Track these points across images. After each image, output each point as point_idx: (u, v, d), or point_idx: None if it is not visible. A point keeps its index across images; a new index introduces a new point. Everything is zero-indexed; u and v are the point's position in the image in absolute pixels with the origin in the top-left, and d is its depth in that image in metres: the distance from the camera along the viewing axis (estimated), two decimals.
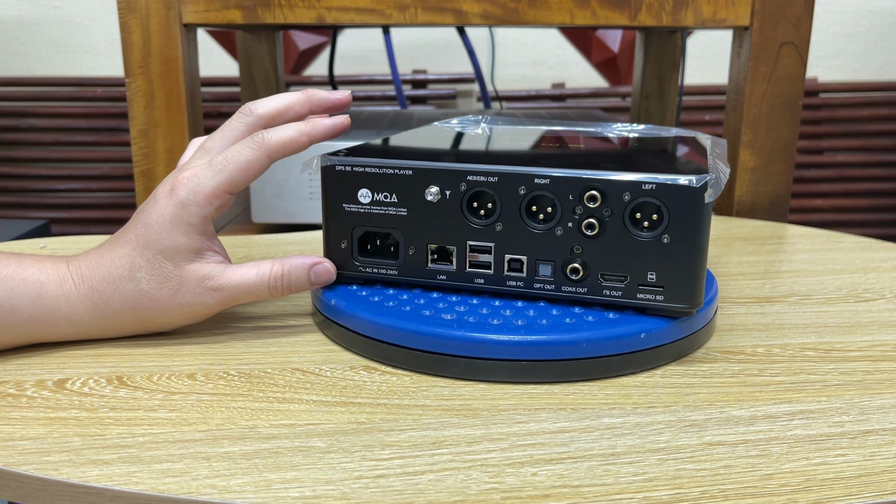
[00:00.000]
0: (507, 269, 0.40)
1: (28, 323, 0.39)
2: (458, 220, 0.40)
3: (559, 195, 0.38)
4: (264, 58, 1.06)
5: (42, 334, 0.40)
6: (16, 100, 1.56)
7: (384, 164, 0.41)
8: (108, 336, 0.42)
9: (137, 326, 0.41)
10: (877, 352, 0.41)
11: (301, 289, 0.42)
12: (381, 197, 0.41)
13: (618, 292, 0.39)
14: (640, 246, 0.38)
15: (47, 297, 0.39)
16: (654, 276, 0.38)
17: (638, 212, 0.38)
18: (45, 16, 1.54)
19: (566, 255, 0.39)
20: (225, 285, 0.40)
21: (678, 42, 1.03)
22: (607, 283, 0.39)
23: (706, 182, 0.36)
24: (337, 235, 0.42)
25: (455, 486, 0.29)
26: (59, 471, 0.29)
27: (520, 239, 0.40)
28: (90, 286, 0.40)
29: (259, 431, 0.33)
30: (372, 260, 0.42)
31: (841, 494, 0.28)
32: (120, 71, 1.55)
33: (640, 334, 0.38)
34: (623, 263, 0.38)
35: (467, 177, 0.39)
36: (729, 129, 0.76)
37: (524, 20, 0.68)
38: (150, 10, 0.67)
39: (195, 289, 0.40)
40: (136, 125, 0.69)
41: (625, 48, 1.59)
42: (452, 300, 0.41)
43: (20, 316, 0.39)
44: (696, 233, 0.37)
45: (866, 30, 1.61)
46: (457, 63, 1.58)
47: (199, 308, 0.40)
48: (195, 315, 0.41)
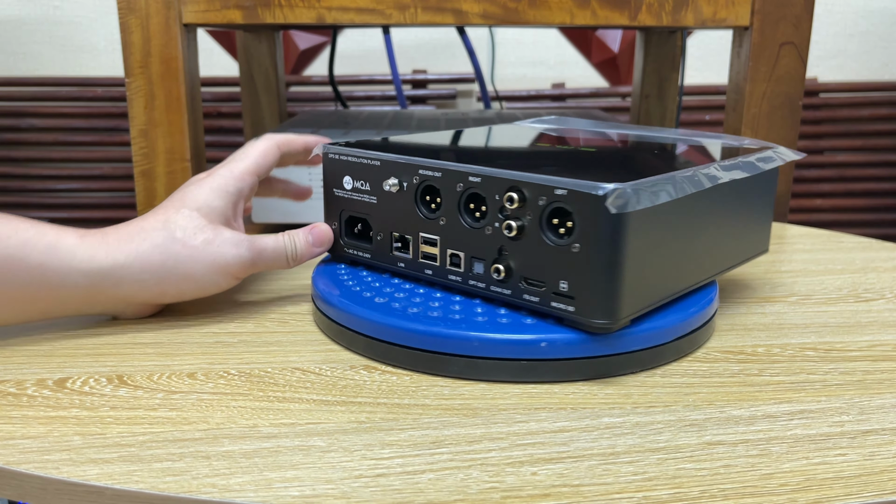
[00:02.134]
0: (448, 263, 0.41)
1: (38, 273, 0.38)
2: (412, 212, 0.42)
3: (488, 194, 0.38)
4: (264, 58, 1.06)
5: (48, 289, 0.39)
6: (16, 100, 1.56)
7: (360, 154, 0.44)
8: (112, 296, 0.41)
9: (157, 280, 0.41)
10: (877, 352, 0.41)
11: (306, 253, 0.46)
12: (359, 185, 0.44)
13: (536, 298, 0.38)
14: (554, 253, 0.36)
15: (63, 247, 0.39)
16: (565, 286, 0.36)
17: (555, 217, 0.36)
18: (45, 16, 1.54)
19: (494, 255, 0.39)
20: (252, 245, 0.43)
21: (678, 42, 1.03)
22: (527, 288, 0.38)
23: (615, 192, 0.34)
24: (330, 216, 0.47)
25: (455, 485, 0.29)
26: (59, 469, 0.29)
27: (458, 235, 0.40)
28: (116, 237, 0.41)
29: (259, 430, 0.33)
30: (353, 242, 0.46)
31: (841, 494, 0.28)
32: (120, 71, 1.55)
33: (641, 334, 0.38)
34: (539, 269, 0.37)
35: (419, 170, 0.41)
36: (729, 129, 0.76)
37: (524, 20, 0.68)
38: (150, 10, 0.67)
39: (225, 245, 0.42)
40: (136, 125, 0.69)
41: (625, 48, 1.59)
42: (455, 300, 0.41)
43: (29, 264, 0.38)
44: (607, 244, 0.35)
45: (866, 30, 1.61)
46: (457, 63, 1.58)
47: (227, 266, 0.42)
48: (221, 273, 0.42)
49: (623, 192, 0.34)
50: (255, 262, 0.43)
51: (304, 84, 1.58)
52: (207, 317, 0.45)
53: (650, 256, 0.37)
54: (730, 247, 0.44)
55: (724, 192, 0.42)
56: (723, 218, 0.43)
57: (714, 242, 0.43)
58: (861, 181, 1.63)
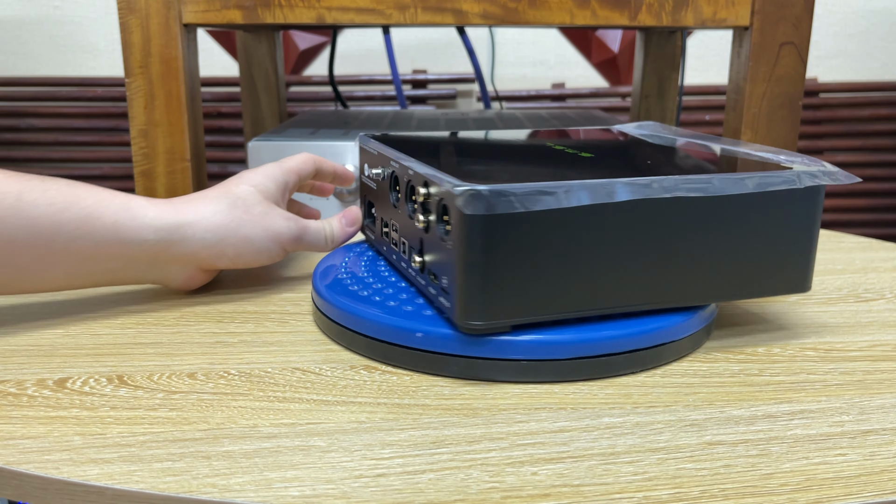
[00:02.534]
0: (402, 250, 0.44)
1: (112, 230, 0.42)
2: (386, 198, 0.46)
3: (415, 187, 0.40)
4: (264, 58, 1.06)
5: (120, 246, 0.42)
6: (16, 100, 1.56)
7: (372, 145, 0.48)
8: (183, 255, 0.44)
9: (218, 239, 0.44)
10: (877, 352, 0.41)
11: (341, 234, 0.51)
12: (371, 172, 0.48)
13: (434, 290, 0.39)
14: (443, 248, 0.37)
15: (135, 206, 0.43)
16: (445, 282, 0.37)
17: (445, 213, 0.37)
18: (45, 16, 1.54)
19: (418, 246, 0.41)
20: (298, 223, 0.48)
21: (678, 42, 1.03)
22: (430, 281, 0.39)
23: (466, 192, 0.34)
24: (360, 198, 0.52)
25: (455, 485, 0.29)
26: (59, 469, 0.29)
27: (404, 224, 0.43)
28: (181, 201, 0.45)
29: (259, 430, 0.33)
30: (369, 224, 0.51)
31: (840, 494, 0.28)
32: (120, 71, 1.55)
33: (641, 334, 0.38)
34: (434, 263, 0.38)
35: (390, 161, 0.44)
36: (729, 129, 0.76)
37: (524, 20, 0.68)
38: (150, 10, 0.67)
39: (279, 219, 0.47)
40: (136, 125, 0.69)
41: (625, 48, 1.59)
42: None
43: (104, 222, 0.41)
44: (466, 244, 0.34)
45: (866, 30, 1.61)
46: (457, 63, 1.58)
47: (280, 235, 0.46)
48: (275, 241, 0.46)
49: (476, 195, 0.34)
50: (300, 238, 0.48)
51: (304, 84, 1.58)
52: (207, 317, 0.45)
53: (542, 264, 0.36)
54: (722, 274, 0.39)
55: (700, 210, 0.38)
56: (702, 239, 0.38)
57: (688, 264, 0.38)
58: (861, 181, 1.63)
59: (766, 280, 0.40)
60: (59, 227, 0.40)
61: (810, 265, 0.41)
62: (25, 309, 0.46)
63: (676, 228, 0.38)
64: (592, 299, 0.37)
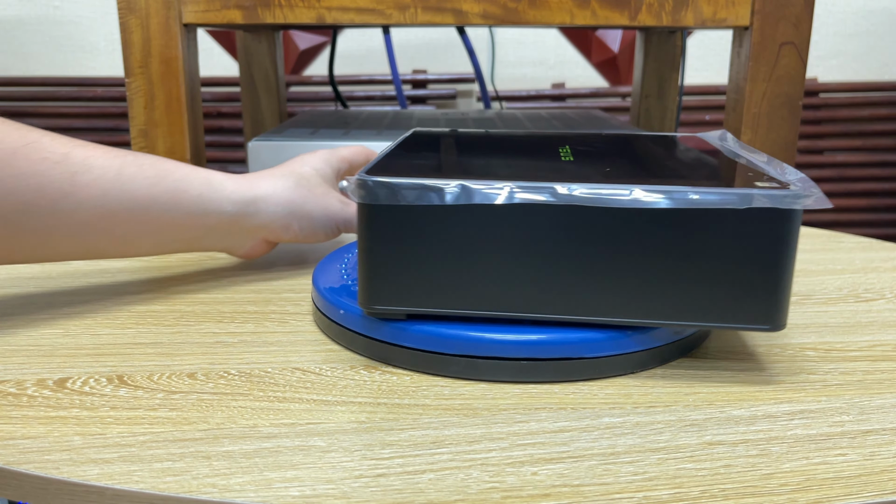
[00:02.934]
0: None
1: (197, 202, 0.45)
2: None
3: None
4: (264, 58, 1.06)
5: (204, 216, 0.46)
6: (16, 100, 1.56)
7: None
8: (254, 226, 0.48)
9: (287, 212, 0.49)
10: (877, 352, 0.41)
11: None
12: None
13: None
14: None
15: (216, 181, 0.47)
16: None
17: None
18: (45, 16, 1.54)
19: None
20: (350, 206, 0.51)
21: (678, 42, 1.03)
22: None
23: (355, 181, 0.36)
24: None
25: (455, 485, 0.29)
26: (59, 469, 0.29)
27: None
28: (256, 177, 0.49)
29: (259, 430, 0.33)
30: None
31: (841, 494, 0.28)
32: (120, 71, 1.55)
33: (641, 334, 0.38)
34: None
35: None
36: (729, 129, 0.76)
37: (524, 20, 0.68)
38: (150, 10, 0.67)
39: (336, 200, 0.51)
40: (136, 125, 0.69)
41: (625, 48, 1.59)
42: None
43: (191, 195, 0.45)
44: (360, 230, 0.37)
45: (866, 30, 1.61)
46: (457, 63, 1.58)
47: (336, 214, 0.51)
48: (331, 219, 0.50)
49: (362, 184, 0.36)
50: (349, 221, 0.51)
51: (304, 84, 1.58)
52: (207, 317, 0.45)
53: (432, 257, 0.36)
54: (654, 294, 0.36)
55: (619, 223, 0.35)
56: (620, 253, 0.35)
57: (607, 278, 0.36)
58: (861, 181, 1.63)
59: (718, 308, 0.36)
60: (154, 199, 0.44)
61: (779, 297, 0.35)
62: (25, 309, 0.46)
63: (588, 238, 0.35)
64: (495, 301, 0.37)
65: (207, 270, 0.54)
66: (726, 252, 0.35)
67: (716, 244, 0.35)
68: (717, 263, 0.35)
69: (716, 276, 0.35)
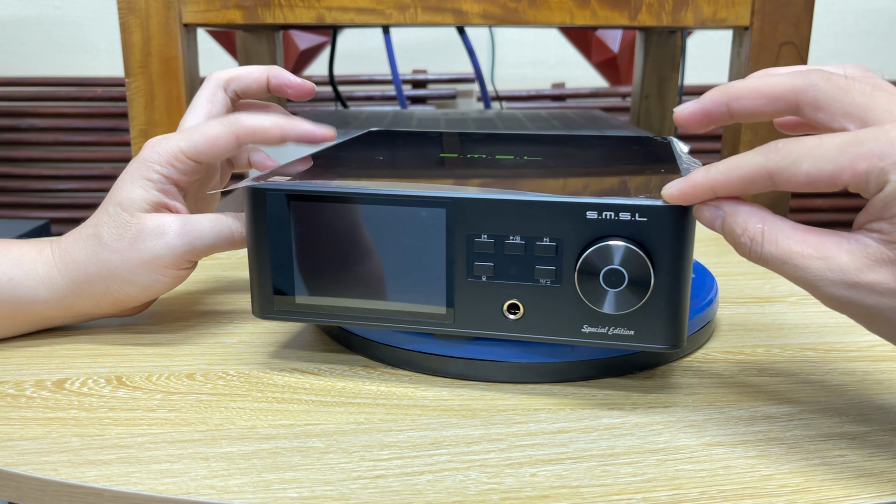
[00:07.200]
0: None
1: (9, 286, 0.40)
2: None
3: None
4: (264, 58, 1.06)
5: (24, 301, 0.40)
6: (16, 100, 1.56)
7: None
8: (82, 305, 0.41)
9: (104, 288, 0.40)
10: (877, 352, 0.41)
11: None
12: None
13: None
14: None
15: (26, 261, 0.40)
16: None
17: None
18: (45, 16, 1.54)
19: None
20: (184, 230, 0.39)
21: (678, 42, 1.02)
22: None
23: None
24: None
25: (454, 486, 0.29)
26: (57, 471, 0.29)
27: None
28: (63, 248, 0.41)
29: (258, 432, 0.33)
30: None
31: (840, 495, 0.28)
32: (120, 71, 1.55)
33: None
34: None
35: None
36: (729, 130, 0.76)
37: (524, 20, 0.68)
38: (150, 10, 0.67)
39: (150, 240, 0.39)
40: (136, 125, 0.69)
41: (625, 48, 1.59)
42: None
43: (1, 278, 0.40)
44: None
45: (866, 30, 1.61)
46: (457, 63, 1.58)
47: (159, 260, 0.39)
48: (156, 270, 0.39)
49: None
50: (192, 248, 0.39)
51: None
52: (207, 317, 0.45)
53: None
54: None
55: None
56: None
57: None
58: None
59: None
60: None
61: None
62: None
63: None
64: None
65: (206, 271, 0.54)
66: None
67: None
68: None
69: None
